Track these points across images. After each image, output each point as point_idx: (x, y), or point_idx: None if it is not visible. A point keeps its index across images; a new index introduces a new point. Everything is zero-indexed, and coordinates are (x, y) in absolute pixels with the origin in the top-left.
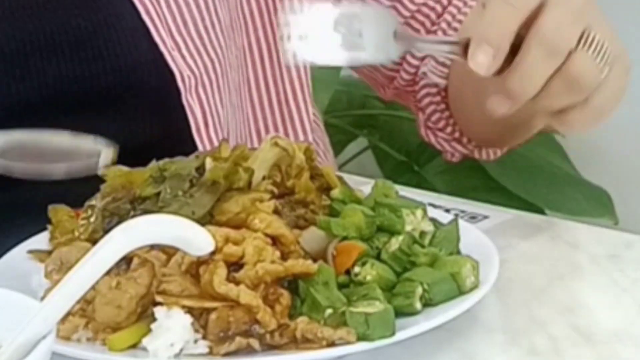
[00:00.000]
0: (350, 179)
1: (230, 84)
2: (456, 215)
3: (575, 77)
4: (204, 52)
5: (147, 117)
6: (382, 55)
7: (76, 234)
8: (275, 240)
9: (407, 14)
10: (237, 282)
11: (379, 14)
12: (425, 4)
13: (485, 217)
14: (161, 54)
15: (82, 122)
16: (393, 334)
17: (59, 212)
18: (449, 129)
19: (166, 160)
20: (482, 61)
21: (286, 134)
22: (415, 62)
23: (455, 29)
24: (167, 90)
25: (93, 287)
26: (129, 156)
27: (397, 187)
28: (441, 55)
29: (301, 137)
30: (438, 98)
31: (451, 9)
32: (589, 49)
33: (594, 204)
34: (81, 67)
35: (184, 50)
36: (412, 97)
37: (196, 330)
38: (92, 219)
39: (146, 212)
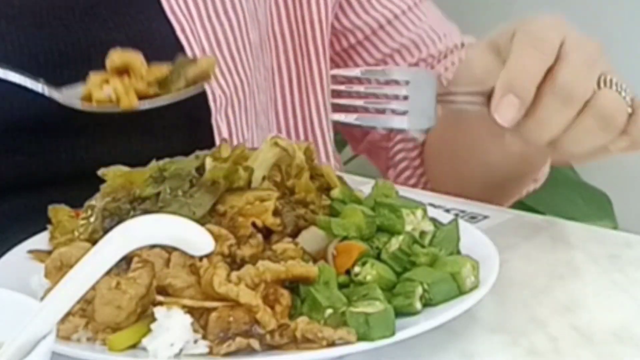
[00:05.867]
0: (350, 179)
1: (258, 105)
2: (456, 215)
3: (606, 112)
4: (235, 73)
5: (173, 133)
6: (425, 121)
7: (76, 234)
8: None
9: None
10: (237, 280)
11: (427, 78)
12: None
13: (485, 217)
14: None
15: (110, 136)
16: (393, 334)
17: (59, 212)
18: (419, 187)
19: (166, 160)
20: (507, 113)
21: None
22: None
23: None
24: (196, 108)
25: (93, 287)
26: None
27: (397, 187)
28: (466, 106)
29: (324, 161)
30: (414, 154)
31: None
32: (610, 88)
33: (593, 207)
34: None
35: (215, 70)
36: (383, 154)
37: (196, 331)
38: (92, 219)
39: (146, 212)
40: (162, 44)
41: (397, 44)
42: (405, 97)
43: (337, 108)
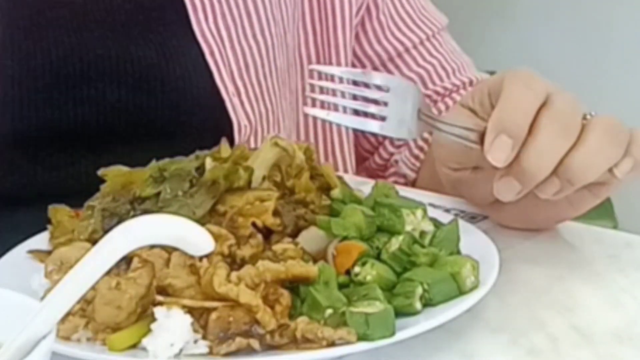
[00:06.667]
0: (350, 179)
1: (282, 132)
2: (456, 215)
3: (608, 125)
4: (261, 100)
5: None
6: (404, 131)
7: (76, 234)
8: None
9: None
10: (237, 281)
11: (408, 89)
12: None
13: (485, 217)
14: (221, 99)
15: (129, 153)
16: (393, 334)
17: (59, 212)
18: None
19: (166, 160)
20: (501, 154)
21: None
22: (391, 149)
23: None
24: (219, 135)
25: (93, 287)
26: None
27: (397, 187)
28: (457, 142)
29: None
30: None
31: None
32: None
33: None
34: (140, 98)
35: (243, 97)
36: None
37: (196, 331)
38: (92, 220)
39: (146, 212)
40: (191, 66)
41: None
42: (385, 103)
43: (313, 102)
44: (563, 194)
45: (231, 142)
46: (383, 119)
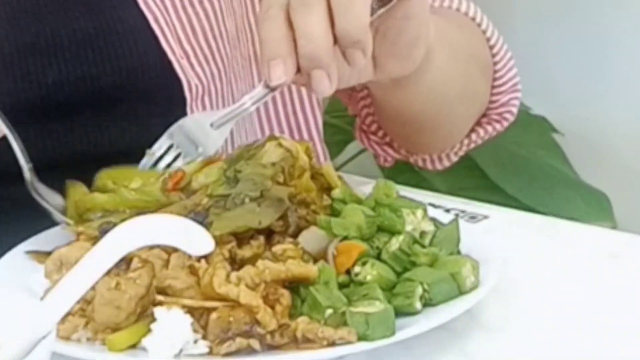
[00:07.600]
0: (350, 179)
1: (237, 93)
2: (456, 215)
3: None
4: (212, 61)
5: (147, 121)
6: (210, 147)
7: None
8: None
9: None
10: (237, 281)
11: (182, 124)
12: None
13: (485, 217)
14: (169, 61)
15: (80, 124)
16: (393, 334)
17: (76, 190)
18: (380, 133)
19: (239, 160)
20: (323, 87)
21: None
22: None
23: None
24: (171, 95)
25: (93, 287)
26: (124, 159)
27: (397, 187)
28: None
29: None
30: (369, 100)
31: None
32: None
33: (593, 207)
34: (82, 69)
35: (192, 59)
36: (356, 106)
37: (196, 331)
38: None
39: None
40: (130, 28)
41: None
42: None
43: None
44: (367, 51)
45: (183, 101)
46: (177, 156)
